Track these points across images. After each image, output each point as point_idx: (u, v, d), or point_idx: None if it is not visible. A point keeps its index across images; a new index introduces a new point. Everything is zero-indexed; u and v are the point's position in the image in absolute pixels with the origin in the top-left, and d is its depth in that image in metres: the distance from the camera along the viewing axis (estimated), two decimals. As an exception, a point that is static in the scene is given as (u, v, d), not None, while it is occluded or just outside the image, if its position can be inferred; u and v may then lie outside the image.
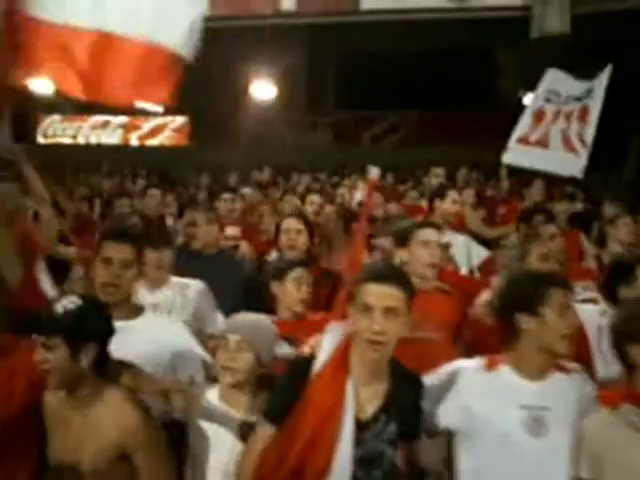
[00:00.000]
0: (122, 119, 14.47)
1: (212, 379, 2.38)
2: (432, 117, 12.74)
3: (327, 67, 13.61)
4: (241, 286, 3.59)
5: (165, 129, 14.47)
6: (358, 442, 1.92)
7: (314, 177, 8.91)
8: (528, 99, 5.69)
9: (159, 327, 2.55)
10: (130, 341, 2.26)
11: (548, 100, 5.79)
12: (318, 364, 1.98)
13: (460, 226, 4.67)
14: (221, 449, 2.16)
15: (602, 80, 5.63)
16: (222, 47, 9.20)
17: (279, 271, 2.91)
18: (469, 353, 2.46)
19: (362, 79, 12.44)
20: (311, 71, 13.44)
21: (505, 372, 2.07)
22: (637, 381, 1.92)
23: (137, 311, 2.56)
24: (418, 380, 2.09)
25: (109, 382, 2.11)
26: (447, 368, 2.16)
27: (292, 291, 2.83)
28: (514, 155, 5.72)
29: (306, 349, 2.18)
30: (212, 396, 2.26)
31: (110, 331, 2.11)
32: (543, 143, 5.63)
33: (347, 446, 1.89)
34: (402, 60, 10.96)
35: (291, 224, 3.68)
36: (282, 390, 2.04)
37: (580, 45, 7.78)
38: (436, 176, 6.45)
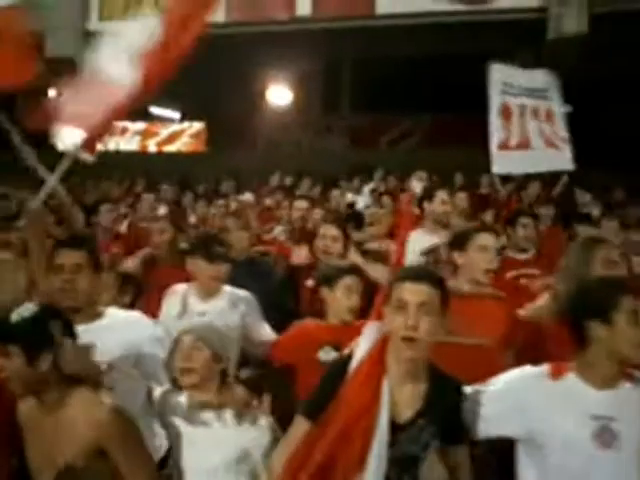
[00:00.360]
0: (140, 126, 14.60)
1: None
2: (448, 120, 12.69)
3: (343, 71, 13.61)
4: (273, 291, 3.61)
5: (183, 135, 14.58)
6: (392, 443, 1.93)
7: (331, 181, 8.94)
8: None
9: (121, 327, 2.61)
10: (93, 342, 2.31)
11: (505, 93, 5.74)
12: (355, 363, 2.00)
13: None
14: (196, 449, 2.26)
15: (550, 80, 5.67)
16: (238, 53, 9.24)
17: (330, 278, 2.91)
18: (520, 359, 2.42)
19: (378, 83, 12.43)
20: (327, 75, 13.45)
21: (572, 380, 2.01)
22: (589, 355, 1.97)
23: (99, 315, 2.61)
24: (458, 385, 2.08)
25: (75, 382, 2.11)
26: (509, 374, 2.13)
27: (342, 299, 2.84)
28: (501, 163, 5.69)
29: (346, 350, 2.19)
30: (182, 399, 2.36)
31: (70, 335, 2.14)
32: (524, 145, 5.59)
33: (382, 446, 1.90)
34: (417, 63, 10.92)
35: (328, 230, 3.71)
36: (320, 387, 2.08)
37: (598, 46, 7.70)
38: (419, 180, 6.46)
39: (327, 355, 2.64)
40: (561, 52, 7.41)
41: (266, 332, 3.32)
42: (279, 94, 12.14)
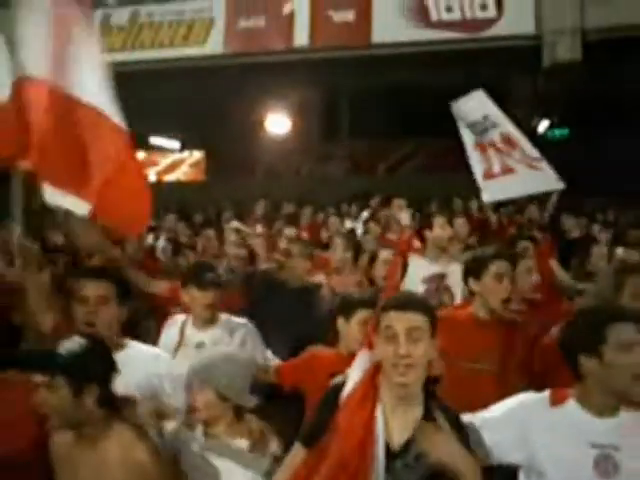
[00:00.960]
0: (140, 155, 14.71)
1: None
2: (446, 146, 12.78)
3: (341, 98, 13.75)
4: (323, 321, 3.58)
5: (182, 165, 14.67)
6: (387, 470, 1.90)
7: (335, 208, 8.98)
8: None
9: (142, 361, 2.58)
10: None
11: (471, 132, 5.85)
12: (347, 390, 2.00)
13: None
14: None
15: (486, 103, 5.72)
16: (236, 82, 9.35)
17: (346, 308, 2.88)
18: (538, 384, 2.37)
19: (376, 109, 12.55)
20: (325, 103, 13.59)
21: (572, 407, 1.97)
22: (586, 388, 1.94)
23: (121, 346, 2.59)
24: (456, 415, 2.05)
25: (116, 419, 2.09)
26: (510, 401, 2.10)
27: (355, 332, 2.79)
28: (490, 192, 5.74)
29: (339, 378, 2.17)
30: (197, 431, 2.36)
31: (114, 369, 2.12)
32: (507, 170, 5.63)
33: (379, 474, 1.88)
34: (415, 90, 11.04)
35: (389, 255, 3.78)
36: (315, 415, 2.08)
37: (592, 73, 7.79)
38: (399, 208, 6.49)
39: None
40: (556, 80, 7.50)
41: (267, 358, 3.30)
42: (278, 122, 12.23)
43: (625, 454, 1.89)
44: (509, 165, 5.61)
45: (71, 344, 2.04)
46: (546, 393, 2.05)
